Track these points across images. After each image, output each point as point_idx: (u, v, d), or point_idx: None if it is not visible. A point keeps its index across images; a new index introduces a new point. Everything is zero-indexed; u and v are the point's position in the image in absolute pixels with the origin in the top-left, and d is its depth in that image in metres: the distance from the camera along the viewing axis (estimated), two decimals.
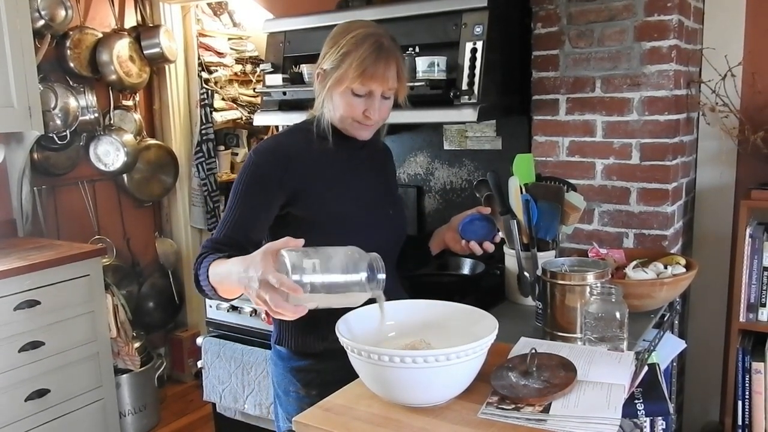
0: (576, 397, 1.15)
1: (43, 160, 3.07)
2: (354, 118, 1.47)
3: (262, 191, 1.45)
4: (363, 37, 1.43)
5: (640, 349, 1.45)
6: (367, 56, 1.41)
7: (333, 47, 1.45)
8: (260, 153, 1.48)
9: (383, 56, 1.43)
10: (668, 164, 2.08)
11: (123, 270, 3.45)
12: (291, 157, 1.48)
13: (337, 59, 1.43)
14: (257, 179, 1.45)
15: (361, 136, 1.52)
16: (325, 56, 1.47)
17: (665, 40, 2.01)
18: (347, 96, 1.45)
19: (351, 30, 1.45)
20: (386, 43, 1.44)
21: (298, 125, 1.58)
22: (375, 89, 1.44)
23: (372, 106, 1.46)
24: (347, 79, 1.42)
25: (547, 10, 2.18)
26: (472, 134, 2.56)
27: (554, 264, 1.64)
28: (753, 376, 2.10)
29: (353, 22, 1.50)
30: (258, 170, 1.46)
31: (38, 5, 2.87)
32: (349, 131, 1.51)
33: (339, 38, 1.45)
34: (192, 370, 3.68)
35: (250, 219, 1.45)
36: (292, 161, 1.47)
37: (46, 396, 2.56)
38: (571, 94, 2.19)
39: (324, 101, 1.49)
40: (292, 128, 1.58)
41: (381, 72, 1.43)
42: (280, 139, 1.54)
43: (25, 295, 2.48)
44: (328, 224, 1.48)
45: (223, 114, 3.85)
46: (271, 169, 1.46)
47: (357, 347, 1.14)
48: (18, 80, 2.65)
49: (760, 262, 2.08)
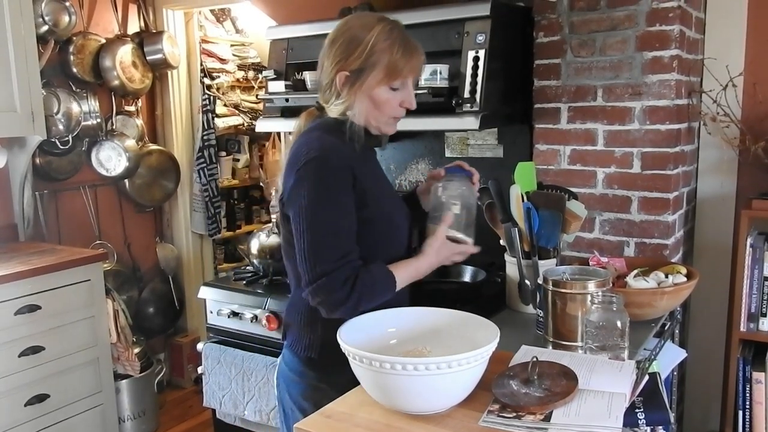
0: (577, 405, 1.15)
1: (45, 165, 3.08)
2: (392, 113, 1.47)
3: (346, 188, 1.39)
4: (389, 31, 1.41)
5: (640, 358, 1.45)
6: (402, 49, 1.41)
7: (358, 48, 1.41)
8: (324, 153, 1.39)
9: (413, 45, 1.44)
10: (669, 173, 2.08)
11: (123, 275, 3.45)
12: (351, 157, 1.43)
13: (368, 59, 1.40)
14: (336, 178, 1.38)
15: (391, 132, 1.52)
16: (348, 58, 1.41)
17: (667, 49, 2.02)
18: (384, 92, 1.43)
19: (369, 26, 1.42)
20: (405, 30, 1.45)
21: (323, 126, 1.49)
22: (410, 79, 1.46)
23: (408, 95, 1.47)
24: (386, 76, 1.41)
25: (549, 19, 2.19)
26: (474, 142, 2.57)
27: (555, 272, 1.64)
28: (754, 385, 2.10)
29: (360, 18, 1.47)
30: (332, 169, 1.38)
31: (42, 11, 2.88)
32: (381, 129, 1.49)
33: (361, 37, 1.41)
34: (191, 376, 3.67)
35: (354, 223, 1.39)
36: (352, 164, 1.42)
37: (45, 401, 2.56)
38: (572, 102, 2.20)
39: (353, 104, 1.45)
40: (323, 129, 1.48)
41: (415, 61, 1.44)
42: (327, 139, 1.43)
43: (26, 299, 2.48)
44: (379, 223, 1.45)
45: (225, 120, 3.86)
46: (342, 165, 1.39)
47: (358, 354, 1.14)
48: (21, 85, 2.66)
49: (760, 271, 2.08)
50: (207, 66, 3.73)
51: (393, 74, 1.42)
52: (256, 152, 4.27)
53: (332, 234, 1.36)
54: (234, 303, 2.41)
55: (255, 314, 2.34)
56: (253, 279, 2.50)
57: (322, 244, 1.35)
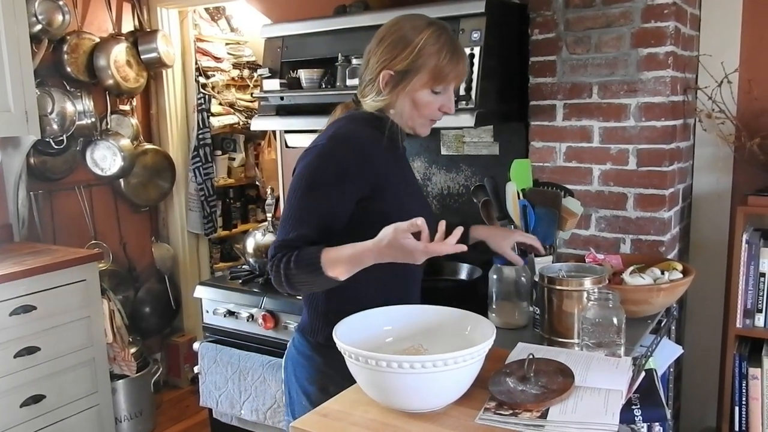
0: (573, 402, 1.15)
1: (39, 165, 3.07)
2: (430, 116, 1.49)
3: (344, 183, 1.40)
4: (438, 36, 1.43)
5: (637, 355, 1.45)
6: (450, 55, 1.43)
7: (406, 49, 1.42)
8: (339, 140, 1.43)
9: (460, 51, 1.45)
10: (665, 170, 2.08)
11: (119, 275, 3.44)
12: (370, 148, 1.45)
13: (415, 61, 1.42)
14: (339, 169, 1.40)
15: (426, 133, 1.54)
16: (395, 58, 1.43)
17: (662, 46, 2.02)
18: (427, 95, 1.45)
19: (419, 29, 1.43)
20: (453, 36, 1.46)
21: (356, 116, 1.52)
22: (453, 85, 1.48)
23: (449, 100, 1.48)
24: (431, 79, 1.43)
25: (544, 16, 2.19)
26: (470, 140, 2.56)
27: (551, 269, 1.64)
28: (750, 382, 2.10)
29: (410, 19, 1.47)
30: (339, 160, 1.40)
31: (35, 10, 2.87)
32: (416, 129, 1.52)
33: (410, 39, 1.42)
34: (188, 376, 3.66)
35: (334, 215, 1.41)
36: (369, 154, 1.44)
37: (41, 402, 2.55)
38: (568, 100, 2.20)
39: (393, 103, 1.47)
40: (354, 120, 1.51)
41: (461, 68, 1.46)
42: (353, 128, 1.47)
43: (21, 300, 2.47)
44: (392, 217, 1.38)
45: (221, 119, 3.85)
46: (353, 158, 1.41)
47: (354, 352, 1.14)
48: (15, 85, 2.65)
49: (756, 268, 2.09)
50: (202, 65, 3.72)
51: (438, 79, 1.44)
52: (252, 151, 4.26)
53: (298, 218, 1.39)
54: (230, 302, 2.41)
55: (251, 313, 2.33)
56: (249, 278, 2.50)
57: (286, 221, 1.40)
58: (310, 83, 2.35)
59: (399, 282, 1.54)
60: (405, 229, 1.28)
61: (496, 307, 1.75)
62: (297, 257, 1.36)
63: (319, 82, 2.35)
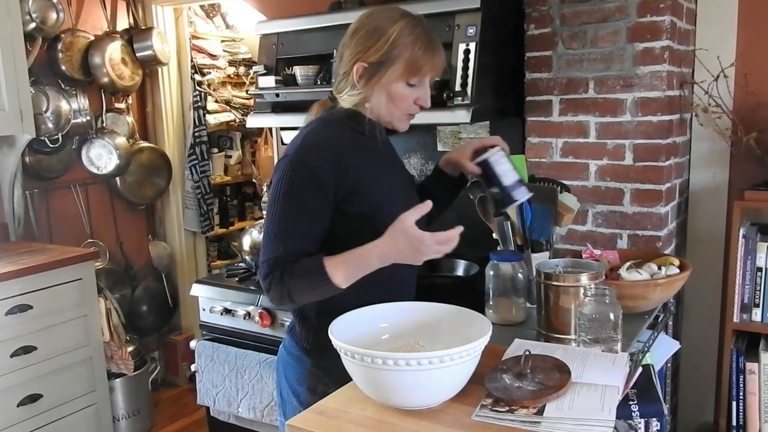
0: (570, 399, 1.15)
1: (34, 164, 3.05)
2: (406, 110, 1.46)
3: (318, 191, 1.38)
4: (413, 26, 1.40)
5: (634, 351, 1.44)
6: (425, 47, 1.39)
7: (379, 40, 1.39)
8: (304, 150, 1.40)
9: (435, 43, 1.42)
10: (661, 165, 2.08)
11: (116, 274, 3.43)
12: (338, 151, 1.41)
13: (389, 52, 1.39)
14: (307, 181, 1.37)
15: (404, 128, 1.50)
16: (368, 50, 1.40)
17: (658, 41, 2.02)
18: (401, 88, 1.42)
19: (393, 19, 1.40)
20: (429, 27, 1.43)
21: (329, 118, 1.49)
22: (428, 77, 1.44)
23: (424, 94, 1.45)
24: (406, 71, 1.40)
25: (540, 11, 2.18)
26: (466, 135, 2.56)
27: (548, 265, 1.63)
28: (747, 376, 2.10)
29: (384, 10, 1.44)
30: (306, 170, 1.38)
31: (29, 8, 2.85)
32: (393, 124, 1.48)
33: (383, 30, 1.39)
34: (186, 374, 3.66)
35: (319, 226, 1.39)
36: (341, 157, 1.40)
37: (38, 401, 2.54)
38: (564, 95, 2.19)
39: (368, 97, 1.44)
40: (326, 121, 1.48)
41: (437, 60, 1.43)
42: (323, 132, 1.45)
43: (17, 299, 2.46)
44: (378, 221, 1.40)
45: (217, 116, 3.84)
46: (321, 167, 1.38)
47: (350, 350, 1.13)
48: (9, 83, 2.64)
49: (753, 262, 2.09)
50: (197, 62, 3.70)
51: (413, 70, 1.40)
52: (249, 148, 4.25)
53: (282, 233, 1.38)
54: (227, 300, 2.40)
55: (248, 311, 2.33)
56: (245, 276, 2.49)
57: (272, 237, 1.39)
58: (306, 80, 2.34)
59: (388, 284, 1.50)
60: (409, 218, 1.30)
61: (493, 303, 1.75)
62: (298, 270, 1.35)
63: (314, 78, 2.34)
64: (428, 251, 1.32)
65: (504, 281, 1.72)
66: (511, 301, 1.73)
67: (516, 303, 1.73)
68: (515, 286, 1.72)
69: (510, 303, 1.73)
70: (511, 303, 1.73)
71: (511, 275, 1.72)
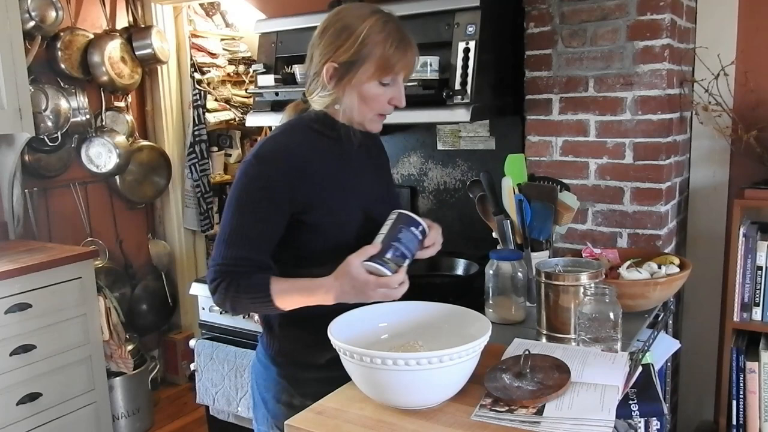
0: (570, 398, 1.15)
1: (34, 162, 3.05)
2: (379, 110, 1.40)
3: (272, 203, 1.34)
4: (383, 23, 1.34)
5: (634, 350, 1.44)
6: (396, 44, 1.34)
7: (349, 39, 1.33)
8: (261, 159, 1.35)
9: (408, 40, 1.37)
10: (661, 164, 2.08)
11: (116, 272, 3.43)
12: (300, 161, 1.36)
13: (359, 51, 1.33)
14: (270, 188, 1.33)
15: (377, 129, 1.45)
16: (338, 50, 1.34)
17: (658, 39, 2.01)
18: (374, 87, 1.36)
19: (362, 17, 1.35)
20: (400, 24, 1.39)
21: (295, 123, 1.45)
22: (401, 76, 1.39)
23: (398, 93, 1.39)
24: (378, 70, 1.34)
25: (539, 9, 2.18)
26: (466, 134, 2.55)
27: (548, 264, 1.63)
28: (747, 375, 2.10)
29: (353, 8, 1.39)
30: (262, 180, 1.34)
31: (28, 6, 2.85)
32: (365, 125, 1.42)
33: (353, 28, 1.34)
34: (186, 373, 3.65)
35: (269, 235, 1.36)
36: (300, 166, 1.36)
37: (38, 400, 2.54)
38: (564, 93, 2.19)
39: (339, 98, 1.38)
40: (292, 127, 1.45)
41: (409, 57, 1.37)
42: (283, 141, 1.40)
43: (17, 298, 2.46)
44: (337, 231, 1.39)
45: (216, 115, 3.83)
46: (280, 176, 1.34)
47: (349, 350, 1.13)
48: (8, 82, 2.63)
49: (753, 261, 2.08)
50: (197, 61, 3.70)
51: (385, 69, 1.35)
52: (248, 147, 4.24)
53: (233, 239, 1.34)
54: None
55: None
56: None
57: (221, 242, 1.35)
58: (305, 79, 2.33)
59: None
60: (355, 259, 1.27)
61: (493, 302, 1.75)
62: (244, 286, 1.32)
63: None
64: (375, 295, 1.28)
65: (504, 280, 1.72)
66: (510, 300, 1.73)
67: (516, 302, 1.73)
68: (515, 285, 1.72)
69: (509, 302, 1.73)
70: (511, 302, 1.73)
71: (511, 274, 1.71)
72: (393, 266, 1.28)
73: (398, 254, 1.29)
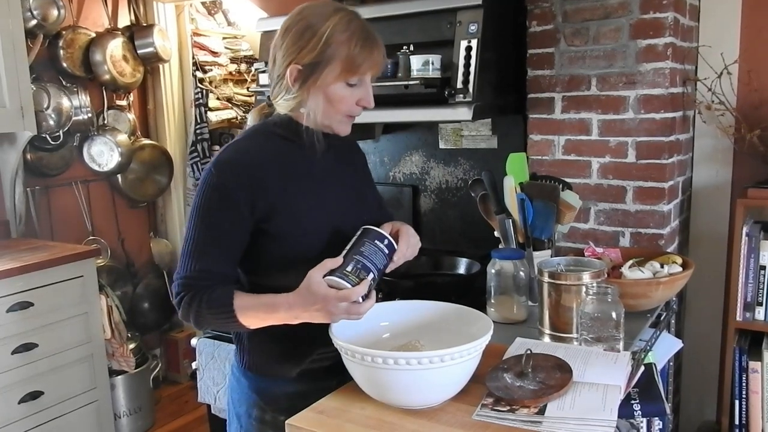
0: (571, 398, 1.14)
1: (36, 161, 3.05)
2: (347, 111, 1.34)
3: (233, 212, 1.28)
4: (347, 22, 1.28)
5: (636, 349, 1.44)
6: (361, 43, 1.28)
7: (312, 39, 1.27)
8: (220, 167, 1.30)
9: (373, 39, 1.31)
10: (664, 163, 2.07)
11: (117, 271, 3.43)
12: (257, 169, 1.31)
13: (323, 52, 1.27)
14: (227, 198, 1.28)
15: (345, 132, 1.38)
16: (301, 51, 1.28)
17: (661, 38, 2.00)
18: (341, 89, 1.30)
19: (325, 16, 1.29)
20: (366, 22, 1.32)
21: (259, 127, 1.40)
22: (368, 76, 1.33)
23: (366, 93, 1.34)
24: (343, 71, 1.28)
25: (542, 8, 2.17)
26: (468, 133, 2.55)
27: (550, 264, 1.63)
28: (750, 375, 2.09)
29: (315, 7, 1.32)
30: (221, 189, 1.28)
31: (30, 5, 2.85)
32: (334, 128, 1.36)
33: (316, 28, 1.28)
34: (187, 371, 3.66)
35: (230, 246, 1.31)
36: (259, 173, 1.30)
37: (39, 398, 2.54)
38: (566, 92, 2.18)
39: (305, 101, 1.32)
40: (254, 132, 1.39)
41: (376, 56, 1.31)
42: (241, 148, 1.35)
43: (18, 296, 2.46)
44: (300, 240, 1.32)
45: (218, 113, 3.82)
46: (236, 186, 1.28)
47: (351, 349, 1.13)
48: (10, 80, 2.63)
49: (756, 260, 2.08)
50: (199, 59, 3.69)
51: (351, 70, 1.28)
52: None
53: (196, 251, 1.30)
54: None
55: None
56: None
57: (185, 255, 1.31)
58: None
59: None
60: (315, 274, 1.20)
61: (495, 301, 1.74)
62: (207, 301, 1.27)
63: None
64: (336, 311, 1.19)
65: (505, 279, 1.72)
66: (512, 299, 1.72)
67: (517, 301, 1.73)
68: (517, 284, 1.72)
69: (511, 301, 1.73)
70: (513, 301, 1.73)
71: (513, 273, 1.71)
72: (354, 279, 1.20)
73: (360, 267, 1.22)
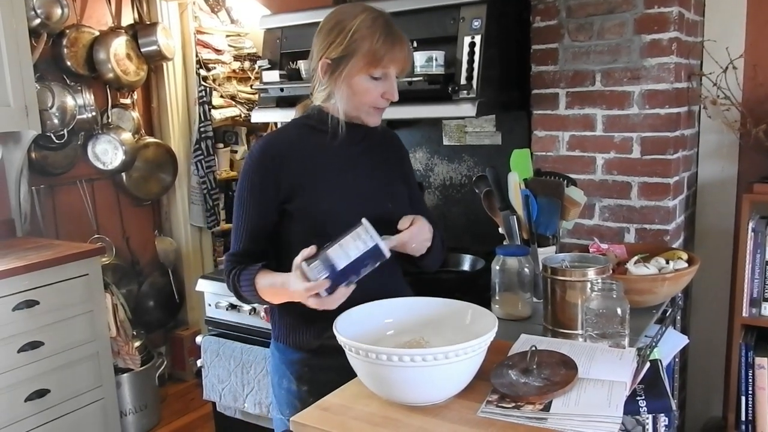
0: (577, 395, 1.14)
1: (40, 160, 3.06)
2: (372, 103, 1.46)
3: (263, 195, 1.46)
4: (372, 19, 1.41)
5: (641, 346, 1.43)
6: (383, 38, 1.40)
7: (339, 35, 1.41)
8: (252, 155, 1.49)
9: (397, 36, 1.43)
10: (669, 158, 2.06)
11: (122, 269, 3.44)
12: (282, 154, 1.47)
13: (349, 46, 1.40)
14: (256, 184, 1.46)
15: (374, 122, 1.51)
16: (330, 46, 1.43)
17: (665, 32, 1.99)
18: (365, 81, 1.43)
19: (354, 14, 1.42)
20: (392, 21, 1.45)
21: (296, 120, 1.57)
22: (392, 70, 1.44)
23: (390, 87, 1.45)
24: (366, 64, 1.40)
25: (545, 3, 2.16)
26: (472, 129, 2.54)
27: (555, 260, 1.63)
28: (756, 371, 2.08)
29: (348, 7, 1.47)
30: (253, 174, 1.47)
31: (34, 4, 2.85)
32: (362, 119, 1.49)
33: (344, 24, 1.42)
34: (193, 369, 3.67)
35: (261, 226, 1.49)
36: (284, 158, 1.46)
37: (46, 396, 2.55)
38: (570, 88, 2.17)
39: (333, 92, 1.46)
40: (288, 124, 1.58)
41: (398, 52, 1.42)
42: (274, 135, 1.54)
43: (24, 295, 2.46)
44: (322, 221, 1.45)
45: (222, 111, 3.83)
46: (264, 170, 1.46)
47: (355, 346, 1.13)
48: (14, 79, 2.64)
49: (762, 256, 2.07)
50: (202, 57, 3.70)
51: (373, 62, 1.41)
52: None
53: (237, 230, 1.50)
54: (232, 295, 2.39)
55: (253, 306, 2.32)
56: None
57: (232, 235, 1.52)
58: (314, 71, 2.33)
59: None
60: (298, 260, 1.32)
61: (499, 298, 1.74)
62: (240, 278, 1.46)
63: None
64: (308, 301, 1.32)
65: (510, 276, 1.72)
66: (517, 296, 1.72)
67: (522, 298, 1.72)
68: (521, 280, 1.71)
69: (516, 298, 1.72)
70: (517, 298, 1.72)
71: (517, 270, 1.71)
72: (317, 273, 1.28)
73: (327, 263, 1.28)
